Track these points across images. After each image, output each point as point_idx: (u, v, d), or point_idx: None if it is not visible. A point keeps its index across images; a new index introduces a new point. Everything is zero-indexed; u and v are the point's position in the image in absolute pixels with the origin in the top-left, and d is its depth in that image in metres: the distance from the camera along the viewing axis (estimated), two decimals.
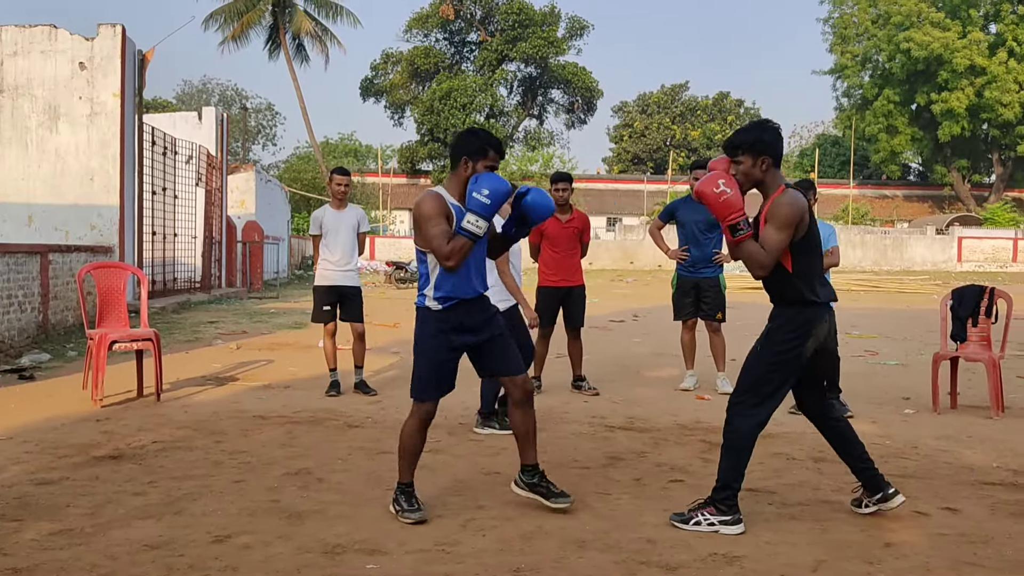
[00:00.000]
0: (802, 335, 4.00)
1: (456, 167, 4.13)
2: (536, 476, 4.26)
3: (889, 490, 4.16)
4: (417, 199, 4.06)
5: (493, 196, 3.91)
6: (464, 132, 4.23)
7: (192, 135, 19.44)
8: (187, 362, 9.07)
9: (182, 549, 3.65)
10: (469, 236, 3.92)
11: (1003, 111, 45.84)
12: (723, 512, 3.98)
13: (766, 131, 4.07)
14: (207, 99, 59.45)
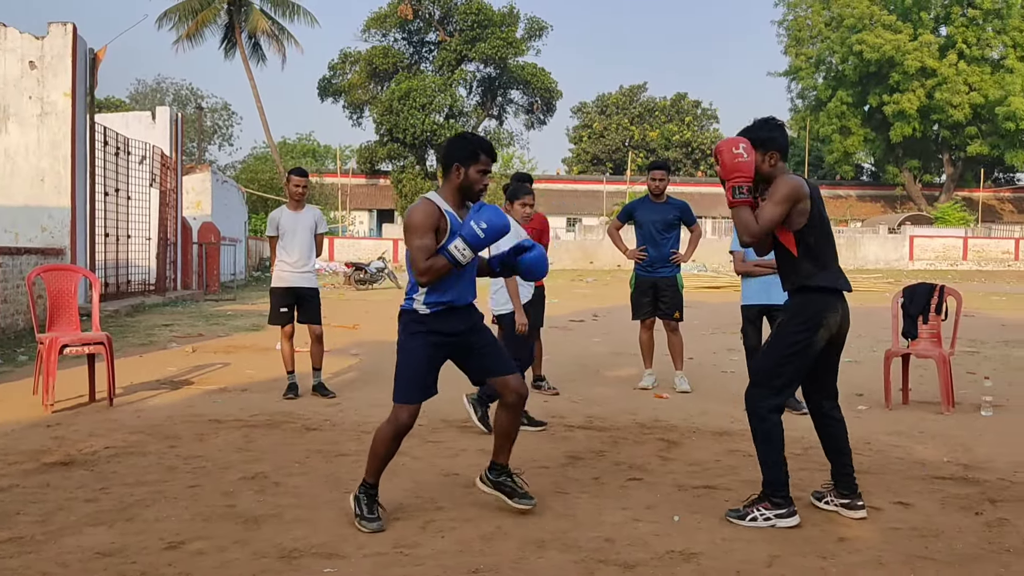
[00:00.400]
0: (813, 325, 4.06)
1: (448, 173, 4.06)
2: (503, 475, 4.26)
3: (858, 502, 4.22)
4: (412, 205, 4.00)
5: (489, 232, 3.87)
6: (454, 137, 4.16)
7: (146, 135, 19.13)
8: (141, 366, 8.92)
9: (134, 556, 3.59)
10: (451, 260, 3.88)
11: (953, 112, 46.87)
12: (778, 505, 4.05)
13: (772, 127, 4.19)
14: (161, 99, 58.53)
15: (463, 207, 4.08)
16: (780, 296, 6.89)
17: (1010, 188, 56.48)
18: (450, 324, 4.10)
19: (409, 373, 4.10)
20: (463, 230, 3.89)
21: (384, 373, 8.65)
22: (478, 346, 4.19)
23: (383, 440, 4.09)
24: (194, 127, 52.09)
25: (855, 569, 3.52)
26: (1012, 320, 15.31)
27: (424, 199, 4.03)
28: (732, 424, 6.37)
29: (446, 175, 4.08)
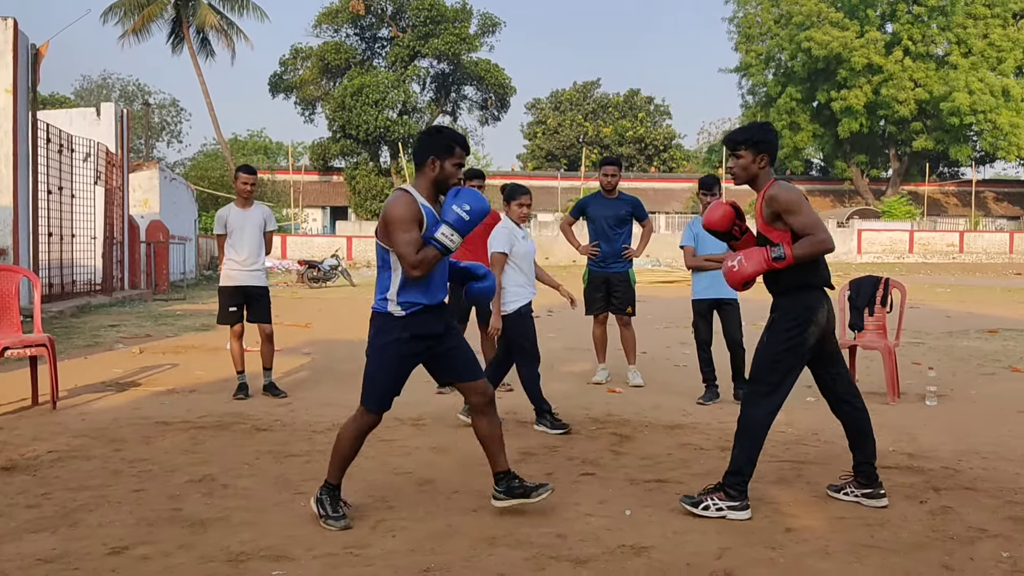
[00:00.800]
0: (804, 322, 4.16)
1: (423, 167, 3.98)
2: (510, 479, 4.15)
3: (880, 491, 4.28)
4: (389, 199, 3.93)
5: (473, 214, 3.83)
6: (428, 131, 4.09)
7: (90, 132, 18.71)
8: (86, 368, 8.73)
9: (77, 562, 3.51)
10: (440, 248, 3.83)
11: (899, 108, 47.81)
12: (732, 498, 4.09)
13: (767, 131, 4.31)
14: (107, 95, 57.36)
15: (436, 201, 4.01)
16: (729, 290, 7.02)
17: (954, 182, 57.79)
18: (427, 326, 4.02)
19: (380, 378, 4.03)
20: (447, 216, 3.84)
21: (336, 371, 8.59)
22: (450, 349, 4.13)
23: (348, 440, 4.05)
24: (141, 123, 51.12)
25: (803, 559, 3.56)
26: (956, 311, 15.67)
27: (401, 191, 3.94)
28: (684, 418, 6.42)
29: (420, 168, 4.00)
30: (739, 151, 4.26)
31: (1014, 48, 47.67)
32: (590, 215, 7.82)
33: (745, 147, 4.24)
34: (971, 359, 9.40)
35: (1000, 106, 46.76)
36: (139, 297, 18.81)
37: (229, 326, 7.28)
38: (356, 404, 6.85)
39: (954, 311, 15.75)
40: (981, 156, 53.77)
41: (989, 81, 46.84)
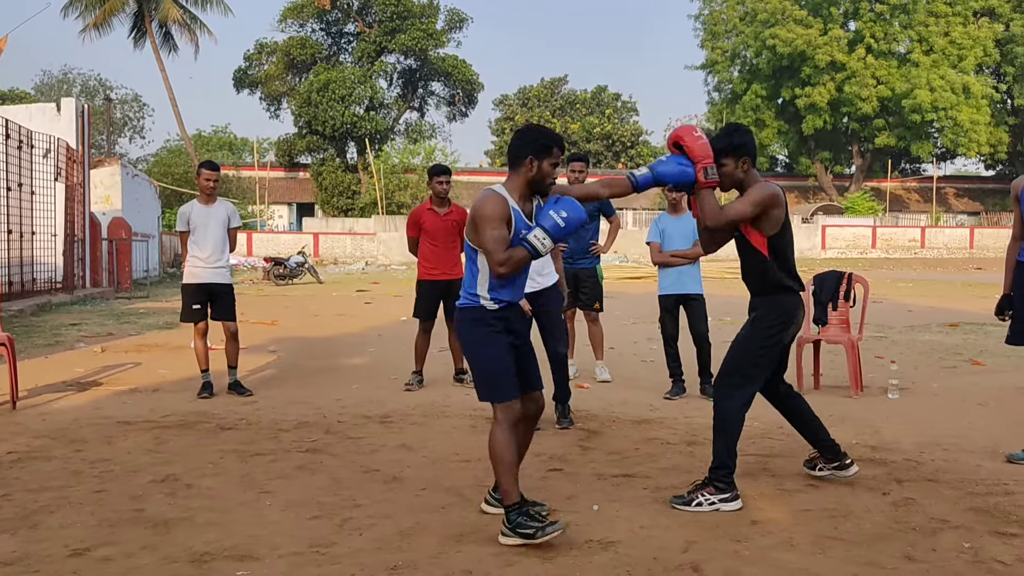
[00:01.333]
0: (786, 321, 4.32)
1: (519, 166, 3.91)
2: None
3: (846, 460, 4.51)
4: (480, 197, 3.89)
5: (569, 223, 3.81)
6: (526, 129, 4.04)
7: (50, 127, 18.37)
8: (46, 367, 8.58)
9: (37, 565, 3.45)
10: (531, 251, 3.80)
11: (862, 105, 48.41)
12: (721, 490, 4.14)
13: (743, 133, 4.34)
14: (68, 90, 56.43)
15: (529, 200, 3.97)
16: (695, 286, 7.07)
17: (916, 178, 58.62)
18: (515, 321, 4.02)
19: (495, 367, 3.91)
20: (544, 221, 3.81)
21: (303, 369, 8.52)
22: (527, 352, 4.09)
23: (503, 443, 3.83)
24: (102, 119, 50.37)
25: (767, 551, 3.59)
26: (918, 306, 15.91)
27: (492, 192, 3.90)
28: (651, 413, 6.45)
29: (516, 167, 3.94)
30: (721, 160, 4.21)
31: (975, 46, 48.44)
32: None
33: (726, 155, 4.22)
34: (933, 353, 9.55)
35: (961, 103, 47.51)
36: (101, 295, 18.53)
37: (193, 324, 7.19)
38: (322, 402, 6.85)
39: (916, 305, 15.99)
40: (942, 153, 54.61)
41: (950, 78, 47.57)
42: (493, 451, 3.85)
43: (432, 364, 8.02)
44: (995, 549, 3.62)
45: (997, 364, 8.67)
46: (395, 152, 47.93)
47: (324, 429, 5.88)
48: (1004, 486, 4.51)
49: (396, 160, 46.79)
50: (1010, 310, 5.28)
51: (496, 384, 3.89)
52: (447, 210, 7.56)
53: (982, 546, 3.65)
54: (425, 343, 7.59)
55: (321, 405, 6.70)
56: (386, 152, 47.60)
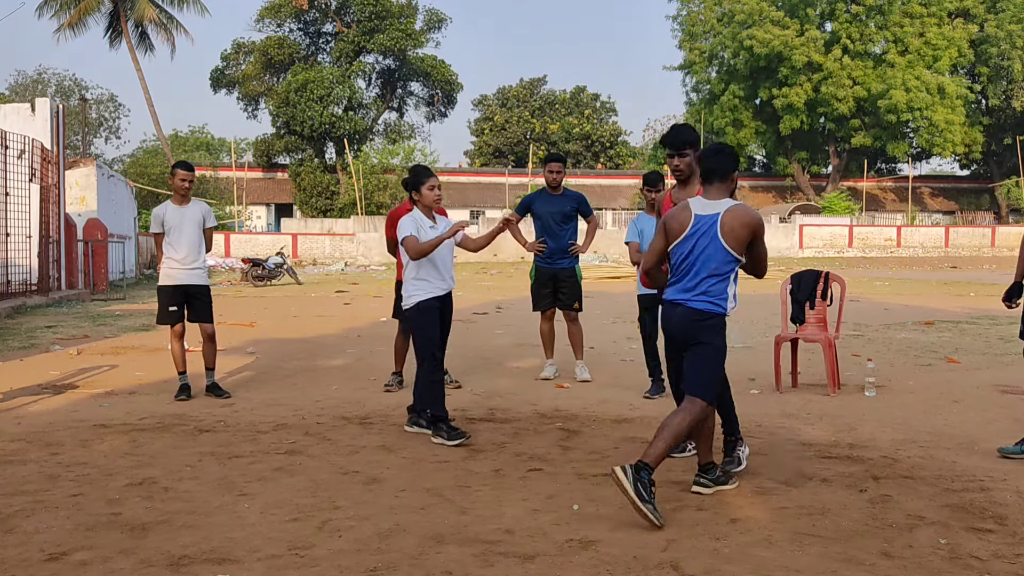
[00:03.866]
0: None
1: (726, 180, 4.37)
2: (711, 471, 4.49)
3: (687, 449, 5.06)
4: (753, 213, 4.31)
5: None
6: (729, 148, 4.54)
7: (24, 128, 18.16)
8: (21, 370, 8.48)
9: (13, 569, 3.41)
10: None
11: (838, 105, 48.77)
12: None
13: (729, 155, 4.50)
14: (43, 90, 55.85)
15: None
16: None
17: (892, 178, 59.13)
18: None
19: (721, 372, 4.45)
20: None
21: (282, 371, 8.47)
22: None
23: (685, 429, 4.21)
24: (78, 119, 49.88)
25: (746, 548, 3.61)
26: (894, 304, 16.05)
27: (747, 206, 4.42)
28: (631, 412, 6.47)
29: (723, 181, 4.38)
30: (686, 150, 4.85)
31: (949, 46, 48.93)
32: (536, 212, 7.84)
33: (691, 147, 4.85)
34: (909, 351, 9.63)
35: (936, 103, 47.98)
36: (77, 297, 18.34)
37: (169, 326, 7.14)
38: (301, 403, 6.82)
39: (892, 304, 16.13)
40: (917, 152, 55.12)
41: (925, 79, 48.02)
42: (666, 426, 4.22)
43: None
44: (971, 545, 3.66)
45: (972, 362, 8.76)
46: (374, 152, 47.83)
47: (303, 431, 5.85)
48: (980, 482, 4.56)
49: (375, 160, 46.69)
50: (1019, 297, 5.33)
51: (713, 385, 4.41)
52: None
53: (958, 542, 3.69)
54: (405, 344, 7.57)
55: (300, 407, 6.67)
56: (365, 152, 47.48)
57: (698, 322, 4.29)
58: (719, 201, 4.31)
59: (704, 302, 4.27)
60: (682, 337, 4.39)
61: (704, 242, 4.26)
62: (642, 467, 3.98)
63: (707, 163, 4.38)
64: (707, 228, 4.26)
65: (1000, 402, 6.70)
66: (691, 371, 4.32)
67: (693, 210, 4.33)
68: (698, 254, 4.28)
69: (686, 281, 4.32)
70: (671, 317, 4.42)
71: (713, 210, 4.29)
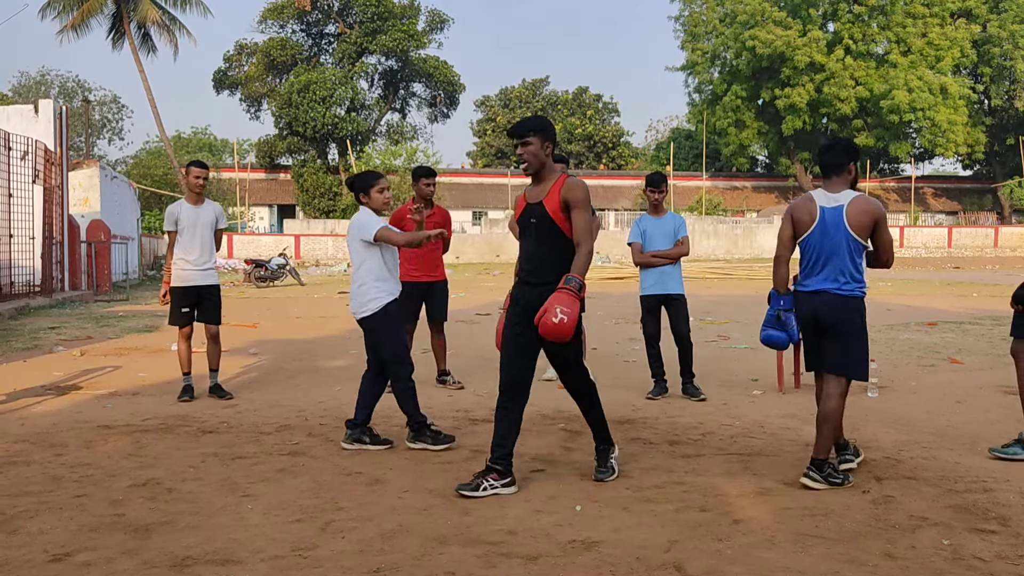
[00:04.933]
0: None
1: (842, 172, 4.64)
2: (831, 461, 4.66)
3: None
4: (874, 202, 4.60)
5: None
6: (848, 140, 4.80)
7: (28, 129, 18.22)
8: (25, 371, 8.50)
9: (16, 570, 3.42)
10: None
11: (840, 106, 48.76)
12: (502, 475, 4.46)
13: (550, 122, 4.64)
14: (46, 91, 55.98)
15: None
16: (676, 286, 7.10)
17: (894, 178, 59.09)
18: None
19: (867, 350, 4.71)
20: None
21: (284, 372, 8.48)
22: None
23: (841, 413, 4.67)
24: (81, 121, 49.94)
25: (749, 549, 3.61)
26: (896, 305, 16.03)
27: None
28: (633, 412, 6.47)
29: (839, 173, 4.63)
30: (528, 137, 4.50)
31: (952, 47, 48.89)
32: None
33: (535, 134, 4.50)
34: (911, 351, 9.63)
35: (938, 104, 47.95)
36: (80, 298, 18.38)
37: (179, 327, 7.14)
38: (304, 404, 6.82)
39: (895, 304, 16.11)
40: (920, 153, 55.09)
41: (928, 79, 47.99)
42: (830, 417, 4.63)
43: (415, 366, 7.99)
44: (974, 546, 3.66)
45: (975, 363, 8.75)
46: (376, 153, 47.86)
47: (306, 432, 5.86)
48: (983, 483, 4.55)
49: (378, 161, 46.69)
50: None
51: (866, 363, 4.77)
52: (430, 211, 7.54)
53: (961, 543, 3.69)
54: (408, 344, 7.56)
55: (303, 408, 6.68)
56: (367, 153, 47.50)
57: (844, 307, 4.59)
58: (841, 193, 4.61)
59: (846, 288, 4.58)
60: (827, 322, 4.63)
61: (833, 233, 4.57)
62: (820, 463, 4.51)
63: (822, 159, 4.71)
64: (834, 220, 4.58)
65: (1003, 403, 6.69)
66: (840, 353, 4.63)
67: (818, 203, 4.65)
68: (829, 244, 4.58)
69: (825, 271, 4.62)
70: (814, 304, 4.66)
71: (836, 202, 4.60)
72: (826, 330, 4.64)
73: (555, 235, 4.49)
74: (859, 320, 4.62)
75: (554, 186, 4.51)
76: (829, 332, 4.63)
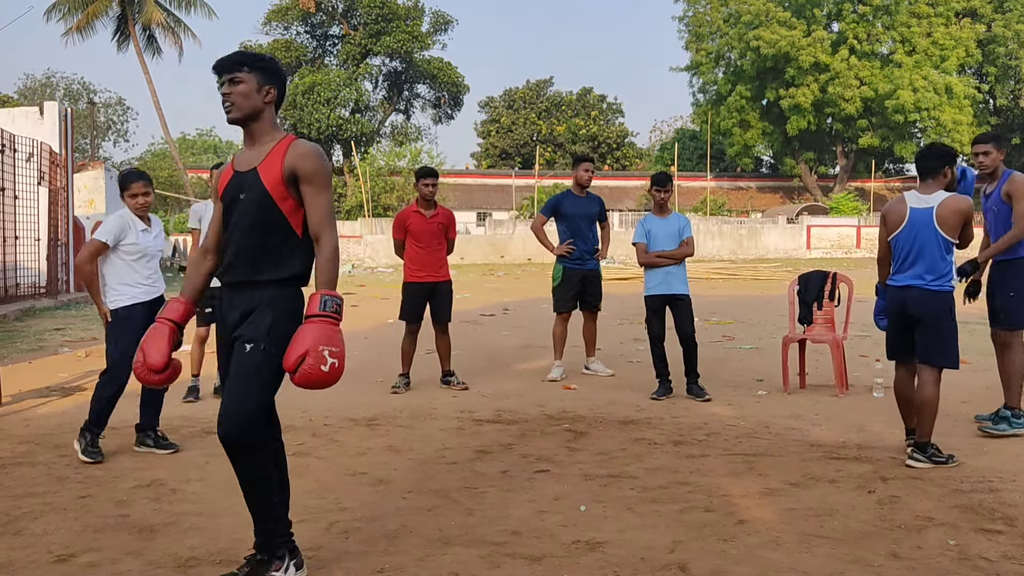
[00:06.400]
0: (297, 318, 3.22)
1: (937, 176, 4.95)
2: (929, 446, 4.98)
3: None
4: (962, 200, 4.91)
5: None
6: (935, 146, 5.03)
7: (33, 131, 18.26)
8: (30, 372, 8.51)
9: (21, 571, 3.43)
10: None
11: (845, 106, 48.62)
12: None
13: (278, 64, 3.39)
14: (52, 93, 56.05)
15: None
16: (681, 286, 7.10)
17: (899, 178, 58.90)
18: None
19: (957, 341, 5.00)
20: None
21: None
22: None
23: (937, 397, 4.94)
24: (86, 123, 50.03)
25: (754, 550, 3.60)
26: None
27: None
28: (638, 413, 6.46)
29: (934, 176, 4.96)
30: (238, 74, 3.22)
31: (957, 46, 48.73)
32: (565, 213, 7.89)
33: (250, 70, 3.23)
34: None
35: (943, 103, 47.78)
36: (85, 300, 18.39)
37: (200, 327, 7.15)
38: (308, 405, 6.82)
39: None
40: None
41: (932, 79, 47.83)
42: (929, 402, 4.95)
43: (419, 367, 8.01)
44: (980, 546, 3.64)
45: (980, 362, 8.72)
46: (381, 155, 47.85)
47: (310, 432, 5.86)
48: (989, 483, 4.54)
49: (382, 163, 46.71)
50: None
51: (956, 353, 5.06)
52: (433, 212, 7.55)
53: (967, 543, 3.67)
54: (412, 345, 7.58)
55: (307, 408, 6.68)
56: (372, 155, 47.51)
57: (933, 301, 4.92)
58: (933, 195, 4.94)
59: (934, 284, 4.91)
60: (916, 315, 4.95)
61: (923, 232, 4.90)
62: (923, 445, 4.90)
63: (919, 163, 5.05)
64: (924, 219, 4.91)
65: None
66: (932, 344, 4.96)
67: (908, 204, 4.99)
68: (919, 243, 4.91)
69: (916, 268, 4.94)
70: (905, 299, 4.97)
71: (927, 204, 4.93)
72: (915, 323, 4.98)
73: (272, 220, 3.20)
74: (948, 313, 4.95)
75: (275, 148, 3.23)
76: (919, 325, 4.97)
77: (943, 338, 4.95)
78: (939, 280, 4.92)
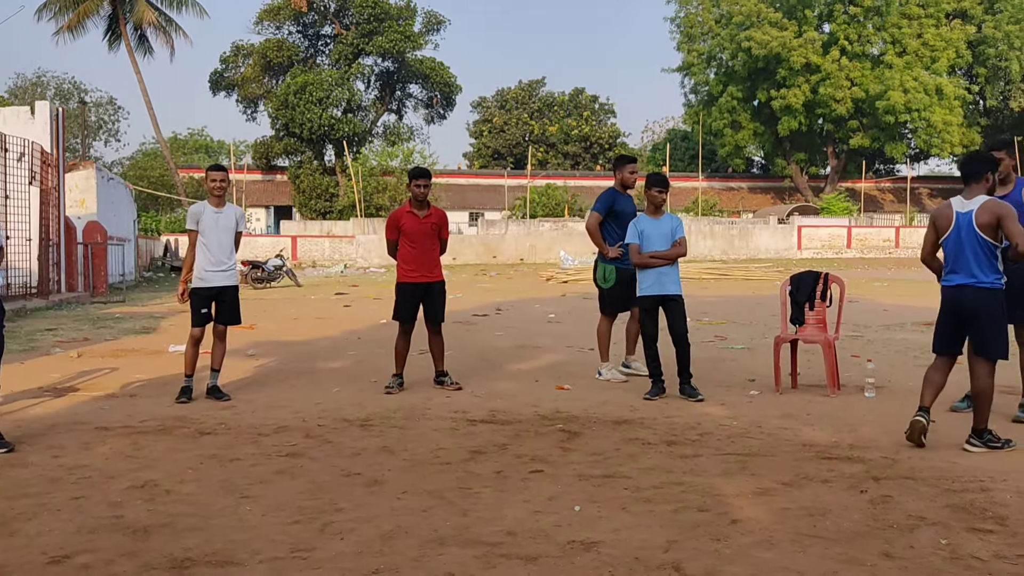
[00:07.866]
0: None
1: (980, 181, 5.27)
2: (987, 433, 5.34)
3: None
4: (998, 203, 5.16)
5: None
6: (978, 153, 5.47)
7: (24, 131, 18.19)
8: (22, 373, 8.47)
9: (15, 572, 3.42)
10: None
11: (836, 107, 48.80)
12: None
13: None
14: (42, 93, 55.80)
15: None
16: (674, 287, 7.12)
17: (890, 179, 59.13)
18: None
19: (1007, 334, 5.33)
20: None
21: (282, 373, 8.48)
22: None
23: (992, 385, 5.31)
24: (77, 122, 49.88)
25: (748, 549, 3.62)
26: (893, 305, 16.05)
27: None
28: (631, 413, 6.48)
29: (977, 181, 5.27)
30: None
31: (947, 47, 48.93)
32: (619, 211, 7.84)
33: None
34: (908, 351, 9.64)
35: (934, 104, 47.98)
36: (77, 300, 18.34)
37: (194, 328, 7.15)
38: (302, 406, 6.83)
39: (891, 305, 16.13)
40: (916, 153, 55.11)
41: (923, 80, 48.03)
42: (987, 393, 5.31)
43: (412, 367, 8.01)
44: (972, 545, 3.67)
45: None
46: (373, 154, 47.82)
47: (304, 433, 5.86)
48: (980, 483, 4.57)
49: (374, 162, 46.68)
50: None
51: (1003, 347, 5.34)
52: (426, 212, 7.56)
53: (959, 543, 3.70)
54: (405, 346, 7.58)
55: (301, 409, 6.68)
56: (364, 154, 47.47)
57: (985, 298, 5.22)
58: (975, 199, 5.23)
59: (985, 282, 5.20)
60: (969, 312, 5.27)
61: (968, 235, 5.21)
62: (979, 432, 5.25)
63: (963, 169, 5.38)
64: (967, 223, 5.22)
65: (1000, 403, 6.69)
66: (986, 338, 5.25)
67: (954, 208, 5.30)
68: (966, 245, 5.22)
69: (967, 268, 5.24)
70: (959, 298, 5.29)
71: (968, 207, 5.24)
72: (968, 319, 5.28)
73: None
74: (998, 309, 5.24)
75: None
76: (971, 321, 5.27)
77: (994, 332, 5.24)
78: (989, 278, 5.20)
